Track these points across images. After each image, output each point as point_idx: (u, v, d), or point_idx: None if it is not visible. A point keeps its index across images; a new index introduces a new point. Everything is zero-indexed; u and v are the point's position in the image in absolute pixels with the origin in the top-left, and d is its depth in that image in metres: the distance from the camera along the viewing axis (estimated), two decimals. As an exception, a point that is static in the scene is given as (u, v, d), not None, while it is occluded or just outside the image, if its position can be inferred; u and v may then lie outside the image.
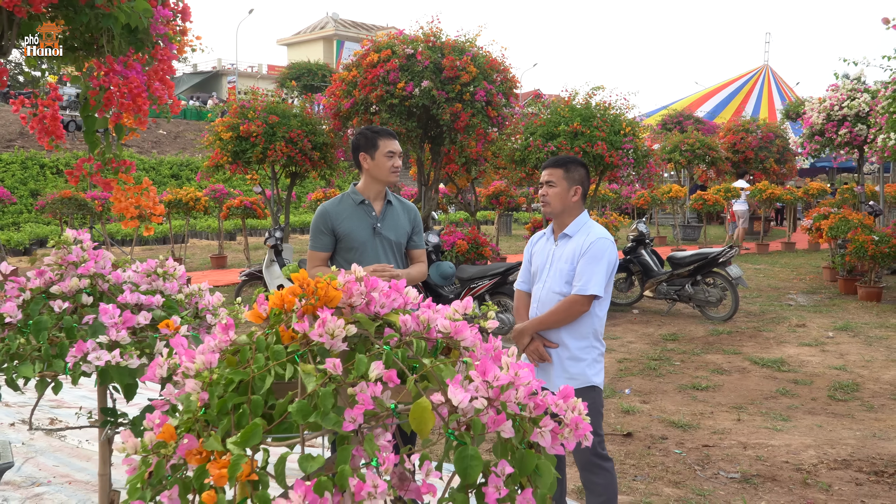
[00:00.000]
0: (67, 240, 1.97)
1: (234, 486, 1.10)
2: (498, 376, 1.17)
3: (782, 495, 4.36)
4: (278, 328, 1.27)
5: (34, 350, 1.79)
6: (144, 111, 3.09)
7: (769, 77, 44.13)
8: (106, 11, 3.05)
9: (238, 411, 1.18)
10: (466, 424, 1.16)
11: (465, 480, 1.16)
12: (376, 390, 1.14)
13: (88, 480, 4.65)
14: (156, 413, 1.28)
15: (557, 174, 3.52)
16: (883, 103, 10.16)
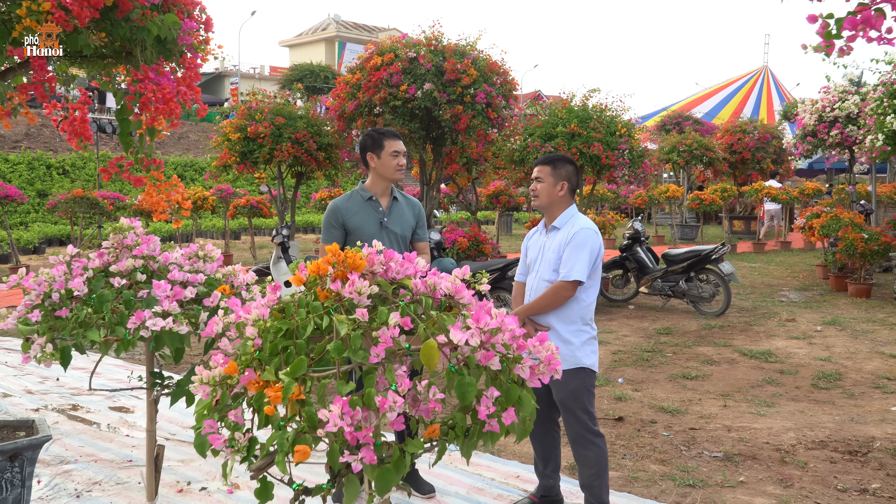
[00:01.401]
0: (122, 227, 2.29)
1: (286, 405, 1.41)
2: (488, 323, 1.49)
3: (760, 472, 4.68)
4: (315, 289, 1.59)
5: (99, 319, 2.10)
6: (176, 115, 3.42)
7: (768, 78, 44.42)
8: (140, 24, 3.38)
9: (286, 352, 1.49)
10: (464, 360, 1.48)
11: (462, 402, 1.48)
12: (394, 333, 1.45)
13: (113, 459, 4.97)
14: (219, 355, 1.60)
15: (545, 171, 3.86)
16: (871, 105, 10.48)
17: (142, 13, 3.38)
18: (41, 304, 2.21)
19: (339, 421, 1.38)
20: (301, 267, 1.65)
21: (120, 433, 5.53)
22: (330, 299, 1.54)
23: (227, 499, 4.33)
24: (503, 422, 1.47)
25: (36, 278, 2.22)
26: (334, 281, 1.57)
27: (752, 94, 43.67)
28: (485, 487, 4.48)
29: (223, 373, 1.51)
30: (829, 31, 2.19)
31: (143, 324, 2.08)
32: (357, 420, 1.39)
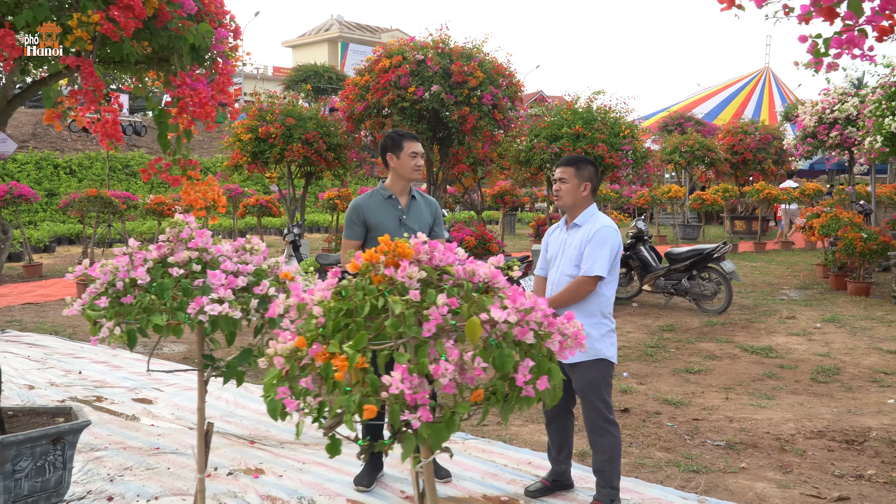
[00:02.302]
0: (178, 222, 2.52)
1: (351, 373, 1.62)
2: (524, 303, 1.71)
3: (761, 459, 4.90)
4: (369, 275, 1.81)
5: (161, 305, 2.32)
6: (213, 118, 3.64)
7: (770, 79, 44.61)
8: (179, 34, 3.61)
9: (347, 328, 1.71)
10: (503, 335, 1.70)
11: (502, 371, 1.70)
12: (443, 311, 1.67)
13: (141, 447, 5.19)
14: (286, 333, 1.82)
15: (569, 172, 4.08)
16: (870, 107, 10.70)
17: (180, 23, 3.60)
18: (105, 291, 2.43)
19: (401, 385, 1.60)
20: (357, 256, 1.87)
21: (145, 423, 5.75)
22: (384, 283, 1.76)
23: (254, 483, 4.55)
24: (538, 388, 1.69)
25: (102, 268, 2.44)
26: (387, 267, 1.79)
27: (753, 94, 43.88)
28: (498, 473, 4.70)
29: (294, 346, 1.74)
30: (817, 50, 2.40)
31: (201, 309, 2.30)
32: (415, 385, 1.61)
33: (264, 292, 2.44)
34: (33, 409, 4.40)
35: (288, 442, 5.33)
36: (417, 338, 1.67)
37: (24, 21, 3.15)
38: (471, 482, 4.56)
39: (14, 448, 3.77)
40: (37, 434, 3.84)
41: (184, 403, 6.24)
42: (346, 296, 1.76)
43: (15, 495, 3.82)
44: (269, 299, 2.45)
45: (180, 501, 4.29)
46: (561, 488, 4.40)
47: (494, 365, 1.68)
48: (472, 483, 4.54)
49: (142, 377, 7.05)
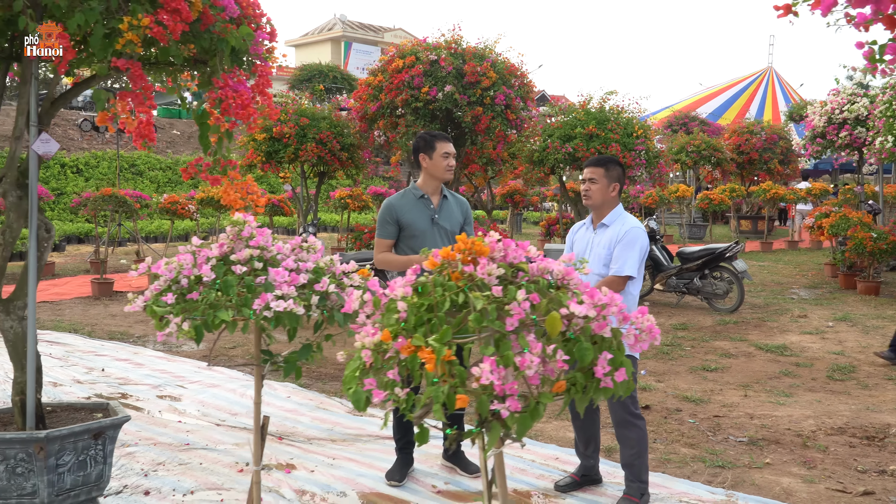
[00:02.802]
0: (239, 221, 2.59)
1: (438, 365, 1.69)
2: (601, 298, 1.79)
3: (784, 454, 4.98)
4: (447, 271, 1.88)
5: (227, 301, 2.40)
6: (255, 119, 3.72)
7: (773, 79, 44.72)
8: (222, 37, 3.68)
9: (430, 323, 1.79)
10: (580, 329, 1.77)
11: (581, 363, 1.77)
12: (526, 306, 1.75)
13: (171, 443, 5.26)
14: (368, 327, 1.89)
15: (599, 172, 4.15)
16: (881, 108, 10.77)
17: (223, 26, 3.68)
18: (168, 288, 2.50)
19: (490, 376, 1.67)
20: (435, 253, 1.94)
21: (172, 419, 5.82)
22: (463, 279, 1.84)
23: (286, 478, 4.62)
24: (615, 379, 1.77)
25: (167, 266, 2.51)
26: (466, 264, 1.86)
27: (756, 94, 43.98)
28: (527, 468, 4.77)
29: (379, 340, 1.81)
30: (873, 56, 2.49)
31: (267, 305, 2.38)
32: (502, 376, 1.68)
33: (325, 289, 2.51)
34: (71, 405, 4.48)
35: (316, 438, 5.40)
36: (501, 332, 1.75)
37: (76, 24, 3.23)
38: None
39: (58, 443, 3.84)
40: (79, 429, 3.91)
41: (209, 400, 6.31)
42: (426, 292, 1.83)
43: (58, 489, 3.89)
44: (328, 296, 2.53)
45: (216, 495, 4.36)
46: (590, 483, 4.47)
47: (573, 357, 1.75)
48: (501, 478, 4.61)
49: (165, 374, 7.12)
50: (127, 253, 17.84)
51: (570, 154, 10.37)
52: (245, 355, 8.01)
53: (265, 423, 2.78)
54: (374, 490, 4.46)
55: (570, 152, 10.35)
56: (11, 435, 3.79)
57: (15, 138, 3.74)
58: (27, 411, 4.03)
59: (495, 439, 1.81)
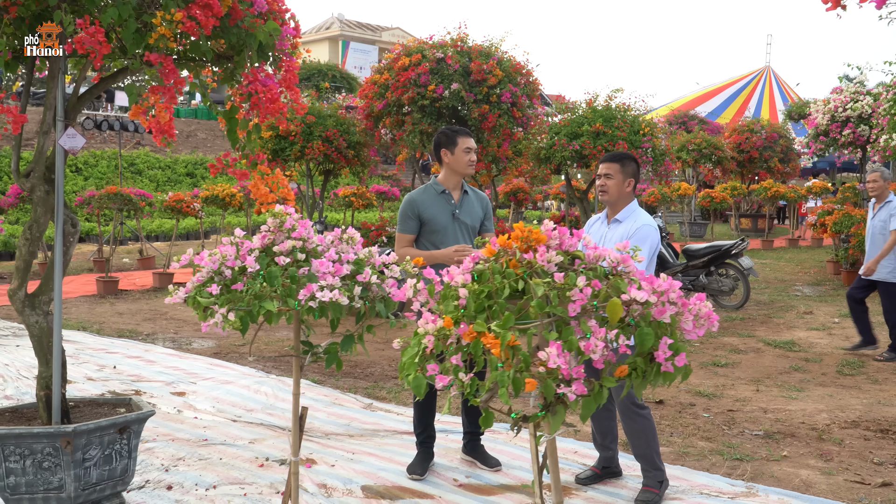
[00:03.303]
0: (281, 213, 2.61)
1: (502, 350, 1.72)
2: (660, 284, 1.82)
3: (801, 448, 5.01)
4: (505, 259, 1.91)
5: (272, 292, 2.42)
6: (285, 113, 3.74)
7: (770, 78, 44.81)
8: (251, 32, 3.70)
9: (491, 310, 1.81)
10: (641, 314, 1.80)
11: (642, 349, 1.80)
12: (588, 293, 1.77)
13: (189, 438, 5.28)
14: (426, 314, 1.91)
15: (614, 168, 4.18)
16: (885, 105, 10.81)
17: (252, 21, 3.70)
18: (211, 279, 2.52)
19: (558, 360, 1.70)
20: (493, 241, 1.97)
21: (188, 416, 5.84)
22: (521, 267, 1.86)
23: (307, 472, 4.64)
24: (676, 364, 1.80)
25: (210, 257, 2.53)
26: (525, 252, 1.89)
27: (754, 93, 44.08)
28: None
29: (442, 326, 1.83)
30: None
31: (312, 295, 2.40)
32: (568, 360, 1.71)
33: (367, 280, 2.53)
34: (93, 401, 4.50)
35: (333, 433, 5.42)
36: (564, 318, 1.77)
37: (110, 18, 3.24)
38: (520, 471, 4.65)
39: (84, 437, 3.86)
40: (106, 423, 3.93)
41: (223, 397, 6.32)
42: (485, 279, 1.86)
43: (84, 483, 3.91)
44: (370, 287, 2.55)
45: (239, 490, 4.38)
46: (610, 476, 4.51)
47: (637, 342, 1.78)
48: (521, 472, 4.64)
49: (177, 371, 7.13)
50: (129, 252, 17.83)
51: (577, 151, 10.40)
52: (255, 352, 8.03)
53: (304, 414, 2.80)
54: (396, 484, 4.48)
55: (577, 150, 10.38)
56: (39, 429, 3.80)
57: (43, 133, 3.76)
58: (53, 406, 4.05)
59: (559, 423, 1.84)
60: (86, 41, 3.03)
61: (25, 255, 3.92)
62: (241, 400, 6.24)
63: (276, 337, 8.90)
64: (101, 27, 3.14)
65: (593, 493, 4.34)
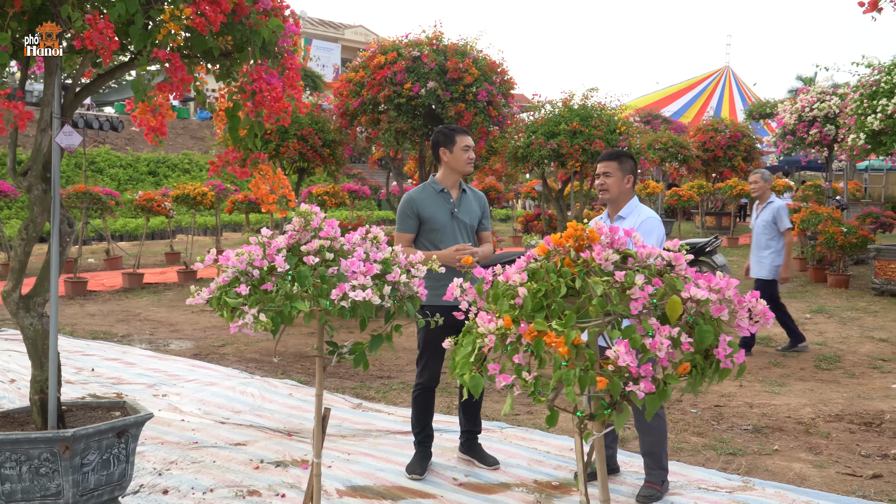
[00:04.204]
0: (308, 212, 2.58)
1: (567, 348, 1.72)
2: (718, 283, 1.84)
3: (790, 441, 5.10)
4: (560, 257, 1.91)
5: (303, 291, 2.39)
6: (290, 111, 3.70)
7: (730, 78, 45.57)
8: (256, 29, 3.66)
9: (550, 309, 1.81)
10: (699, 312, 1.81)
11: (702, 345, 1.82)
12: (649, 290, 1.78)
13: (179, 441, 5.21)
14: (482, 315, 1.90)
15: (613, 166, 4.22)
16: (852, 106, 11.05)
17: (257, 17, 3.65)
18: (237, 279, 2.48)
19: (627, 358, 1.71)
20: (546, 240, 1.97)
21: (174, 418, 5.75)
22: (578, 265, 1.87)
23: (304, 474, 4.60)
24: (735, 361, 1.82)
25: (238, 257, 2.49)
26: (580, 251, 1.89)
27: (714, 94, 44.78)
28: (543, 459, 4.82)
29: (502, 325, 1.83)
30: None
31: (344, 295, 2.37)
32: (634, 358, 1.72)
33: (397, 279, 2.52)
34: (86, 404, 4.41)
35: (326, 434, 5.36)
36: (625, 315, 1.78)
37: (117, 14, 3.18)
38: (519, 468, 4.67)
39: (83, 441, 3.78)
40: (105, 427, 3.85)
41: (208, 398, 6.24)
42: (539, 277, 1.86)
43: (82, 489, 3.82)
44: (398, 286, 2.53)
45: (237, 493, 4.33)
46: (608, 473, 4.53)
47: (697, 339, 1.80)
48: (520, 469, 4.65)
49: (158, 373, 7.02)
50: (94, 252, 17.51)
51: (555, 150, 10.46)
52: (236, 353, 7.94)
53: (326, 415, 2.77)
54: (395, 484, 4.46)
55: (555, 148, 10.43)
56: (37, 434, 3.71)
57: (41, 130, 3.67)
58: (49, 410, 3.96)
59: (623, 420, 1.84)
60: (95, 37, 2.96)
61: (21, 255, 3.83)
62: (228, 402, 6.17)
63: (254, 338, 8.81)
64: (111, 22, 3.07)
65: (593, 490, 4.36)
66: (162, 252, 16.51)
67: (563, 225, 11.62)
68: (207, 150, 34.90)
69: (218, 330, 9.27)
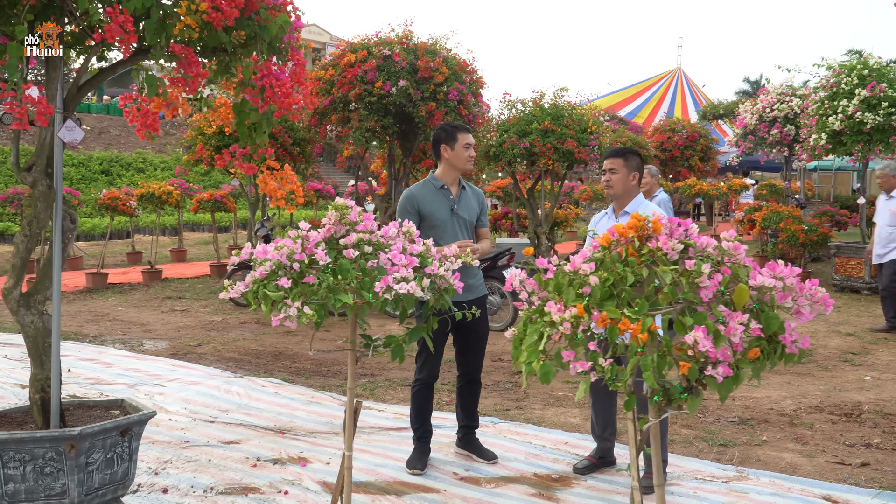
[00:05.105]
0: (343, 206, 2.58)
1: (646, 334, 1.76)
2: (781, 270, 1.90)
3: (777, 432, 5.24)
4: (623, 248, 1.95)
5: (346, 284, 2.39)
6: (300, 107, 3.69)
7: (682, 80, 46.35)
8: (266, 24, 3.64)
9: (621, 297, 1.86)
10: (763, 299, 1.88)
11: (768, 331, 1.88)
12: (719, 279, 1.84)
13: (170, 441, 5.14)
14: (551, 303, 1.94)
15: (618, 163, 4.29)
16: (813, 106, 11.37)
17: (266, 12, 3.64)
18: (274, 273, 2.47)
19: (707, 343, 1.76)
20: (611, 230, 2.01)
21: (162, 418, 5.67)
22: (644, 255, 1.91)
23: (304, 471, 4.59)
24: (800, 346, 1.89)
25: (277, 250, 2.48)
26: (644, 241, 1.94)
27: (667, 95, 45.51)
28: (539, 453, 4.87)
29: (575, 313, 1.86)
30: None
31: (389, 287, 2.39)
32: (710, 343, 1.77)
33: (436, 272, 2.54)
34: (84, 403, 4.34)
35: (318, 432, 5.37)
36: (696, 303, 1.84)
37: (133, 7, 3.15)
38: (517, 462, 4.72)
39: (89, 440, 3.73)
40: (110, 425, 3.80)
41: (193, 398, 6.17)
42: (605, 268, 1.90)
43: (87, 488, 3.77)
44: (437, 279, 2.55)
45: (239, 490, 4.30)
46: (606, 465, 4.62)
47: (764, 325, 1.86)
48: (518, 463, 4.70)
49: (138, 373, 6.91)
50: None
51: (528, 149, 10.55)
52: (214, 352, 7.85)
53: (358, 407, 2.78)
54: (397, 479, 4.47)
55: (528, 147, 10.52)
56: (43, 433, 3.64)
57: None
58: (52, 409, 3.89)
59: (697, 405, 1.90)
60: (116, 31, 2.92)
61: (23, 252, 3.76)
62: (213, 400, 6.11)
63: (230, 337, 8.72)
64: (130, 16, 3.04)
65: (593, 482, 4.44)
66: (122, 252, 16.21)
67: (533, 223, 11.73)
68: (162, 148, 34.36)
69: (192, 329, 9.15)
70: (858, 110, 10.58)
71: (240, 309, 10.46)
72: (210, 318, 9.93)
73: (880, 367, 7.17)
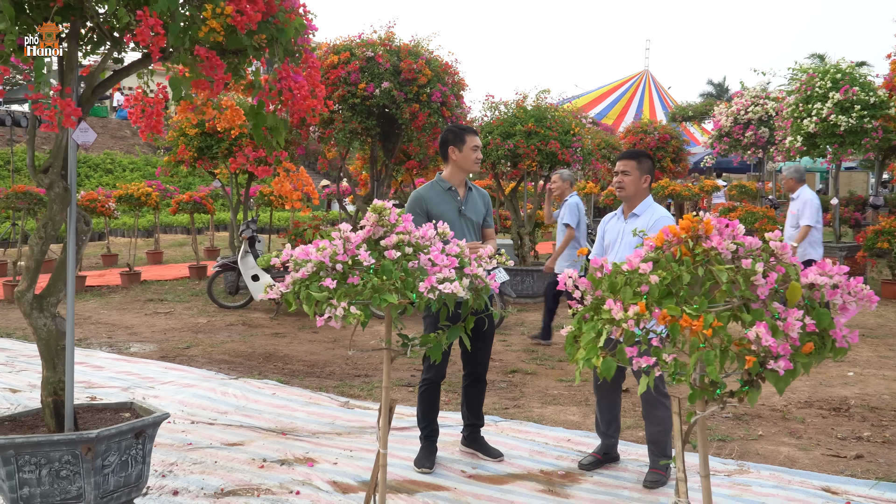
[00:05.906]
0: (382, 207, 2.63)
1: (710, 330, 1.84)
2: (830, 269, 1.99)
3: (771, 427, 5.38)
4: (677, 248, 2.02)
5: (390, 284, 2.44)
6: (318, 110, 3.72)
7: (650, 82, 46.85)
8: (284, 27, 3.67)
9: (679, 295, 1.93)
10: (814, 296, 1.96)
11: (820, 326, 1.97)
12: (774, 277, 1.92)
13: (173, 443, 5.13)
14: (610, 301, 2.01)
15: (631, 165, 4.38)
16: (787, 109, 11.62)
17: (285, 16, 3.67)
18: (316, 273, 2.51)
19: (769, 338, 1.84)
20: (665, 231, 2.08)
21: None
22: (699, 255, 1.99)
23: (312, 471, 4.62)
24: (849, 340, 1.97)
25: (320, 251, 2.52)
26: (704, 241, 2.02)
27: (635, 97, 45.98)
28: (543, 450, 4.95)
29: (637, 311, 1.93)
30: None
31: (433, 287, 2.44)
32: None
33: (475, 272, 2.59)
34: (92, 406, 4.32)
35: (321, 432, 5.39)
36: (752, 300, 1.92)
37: (160, 9, 3.16)
38: (522, 460, 4.79)
39: (105, 443, 3.72)
40: (126, 428, 3.80)
41: (189, 400, 6.15)
42: (661, 267, 1.97)
43: (103, 491, 3.77)
44: (476, 279, 2.61)
45: (250, 492, 4.31)
46: (610, 461, 4.71)
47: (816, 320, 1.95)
48: (523, 461, 4.77)
49: (131, 376, 6.86)
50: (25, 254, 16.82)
51: (511, 151, 10.64)
52: (204, 355, 7.82)
53: (393, 406, 2.82)
54: (406, 478, 4.52)
55: (511, 149, 10.61)
56: (59, 436, 3.64)
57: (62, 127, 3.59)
58: (66, 412, 3.88)
59: (756, 397, 1.98)
60: (146, 34, 2.94)
61: (38, 254, 3.75)
62: (211, 403, 6.10)
63: (218, 339, 8.69)
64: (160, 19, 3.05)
65: (599, 478, 4.52)
66: (97, 254, 16.01)
67: (516, 224, 11.83)
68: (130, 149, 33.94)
69: (178, 332, 9.09)
70: (832, 113, 10.84)
71: (224, 311, 10.41)
72: (195, 320, 9.87)
73: (861, 362, 7.37)
